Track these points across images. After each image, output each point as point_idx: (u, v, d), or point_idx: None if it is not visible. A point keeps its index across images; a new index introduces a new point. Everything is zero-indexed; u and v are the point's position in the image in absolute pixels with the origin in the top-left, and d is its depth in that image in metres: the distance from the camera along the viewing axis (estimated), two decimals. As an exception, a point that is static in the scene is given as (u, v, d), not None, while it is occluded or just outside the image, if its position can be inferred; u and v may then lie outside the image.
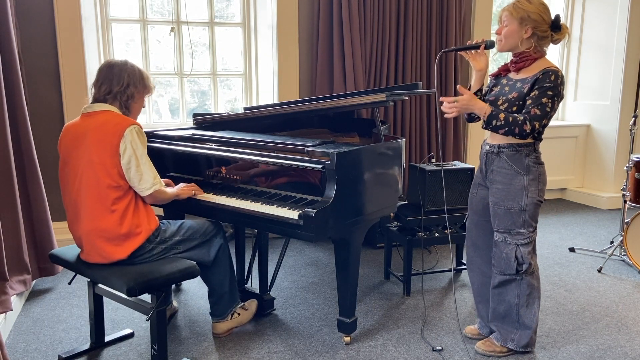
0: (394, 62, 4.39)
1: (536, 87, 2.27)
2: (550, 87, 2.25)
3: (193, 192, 2.65)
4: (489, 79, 2.57)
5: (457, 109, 2.34)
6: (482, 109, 2.33)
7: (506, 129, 2.28)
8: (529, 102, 2.28)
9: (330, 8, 4.16)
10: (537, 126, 2.25)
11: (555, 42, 2.37)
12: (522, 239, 2.40)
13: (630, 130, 3.88)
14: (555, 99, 2.26)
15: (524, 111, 2.29)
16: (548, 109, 2.25)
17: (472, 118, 2.59)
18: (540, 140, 2.40)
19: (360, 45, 4.19)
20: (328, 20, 4.19)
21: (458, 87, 2.39)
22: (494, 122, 2.30)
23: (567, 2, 5.52)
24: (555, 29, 2.32)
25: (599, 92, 5.43)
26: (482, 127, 2.36)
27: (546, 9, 2.31)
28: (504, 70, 2.47)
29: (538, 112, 2.25)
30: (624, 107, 5.19)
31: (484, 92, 2.55)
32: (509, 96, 2.36)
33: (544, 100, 2.25)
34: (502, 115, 2.28)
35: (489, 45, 2.39)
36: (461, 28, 4.60)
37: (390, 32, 4.32)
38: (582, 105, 5.62)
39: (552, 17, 2.32)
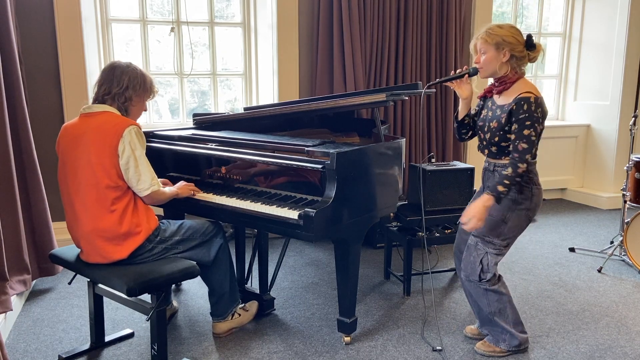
0: (394, 62, 4.39)
1: (513, 119, 2.30)
2: (526, 117, 2.26)
3: (192, 191, 2.65)
4: (477, 101, 2.61)
5: (477, 223, 2.32)
6: (488, 200, 2.31)
7: (512, 186, 2.31)
8: (513, 137, 2.31)
9: (330, 8, 4.16)
10: (529, 159, 2.29)
11: (532, 60, 2.40)
12: (492, 248, 2.43)
13: (630, 130, 3.88)
14: (536, 124, 2.27)
15: (511, 147, 2.31)
16: (533, 138, 2.28)
17: (462, 139, 2.65)
18: (534, 159, 2.38)
19: (360, 45, 4.19)
20: (328, 20, 4.19)
21: (460, 222, 2.40)
22: (502, 196, 2.31)
23: (567, 2, 5.52)
24: (530, 47, 2.36)
25: (599, 92, 5.43)
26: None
27: (517, 31, 2.36)
28: (489, 92, 2.50)
29: (525, 146, 2.27)
30: (624, 107, 5.19)
31: (472, 113, 2.60)
32: (490, 124, 2.41)
33: (526, 132, 2.27)
34: (500, 188, 2.29)
35: (473, 72, 2.44)
36: (461, 28, 4.60)
37: (390, 32, 4.32)
38: (582, 105, 5.61)
39: (525, 37, 2.36)
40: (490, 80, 2.50)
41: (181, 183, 2.66)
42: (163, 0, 4.34)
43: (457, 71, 2.48)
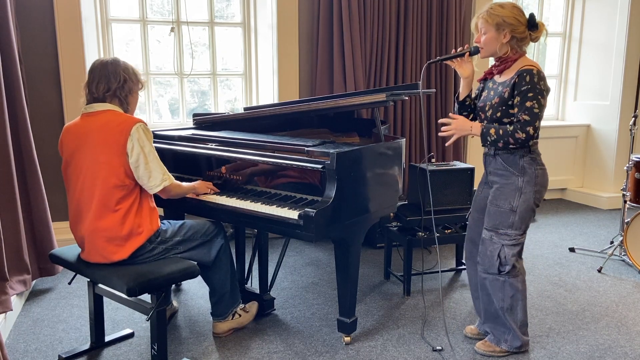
0: (394, 62, 4.39)
1: (515, 92, 2.27)
2: (529, 89, 2.24)
3: (209, 189, 2.66)
4: (477, 84, 2.58)
5: (455, 133, 2.39)
6: (476, 128, 2.36)
7: (501, 141, 2.30)
8: (515, 110, 2.29)
9: (330, 8, 4.16)
10: (531, 131, 2.25)
11: (535, 40, 2.37)
12: (508, 239, 2.39)
13: (630, 130, 3.88)
14: (539, 97, 2.24)
15: (514, 120, 2.30)
16: (536, 110, 2.24)
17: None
18: (536, 140, 2.37)
19: (360, 45, 4.19)
20: (328, 20, 4.19)
21: (449, 115, 2.42)
22: (488, 139, 2.32)
23: (567, 2, 5.52)
24: (532, 27, 2.32)
25: (599, 92, 5.43)
26: (481, 144, 2.40)
27: (520, 10, 2.32)
28: (489, 74, 2.48)
29: (527, 118, 2.24)
30: (624, 107, 5.19)
31: (473, 96, 2.58)
32: (492, 101, 2.38)
33: (528, 103, 2.24)
34: (492, 130, 2.31)
35: (474, 51, 2.41)
36: (461, 28, 4.60)
37: (390, 32, 4.32)
38: (582, 105, 5.61)
39: (527, 16, 2.33)
40: (491, 61, 2.48)
41: (199, 181, 2.68)
42: (163, 0, 4.34)
43: (458, 49, 2.45)
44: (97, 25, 4.06)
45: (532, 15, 2.32)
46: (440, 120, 2.41)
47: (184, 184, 2.54)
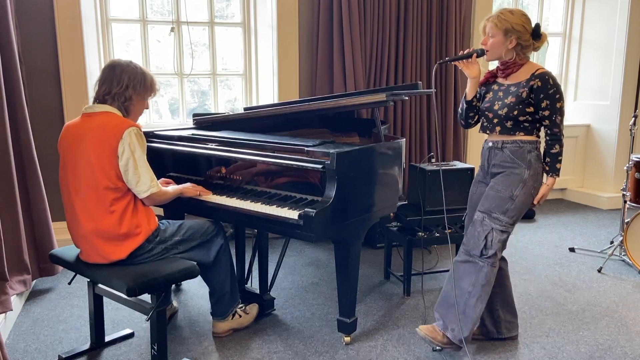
0: (394, 62, 4.39)
1: (542, 96, 2.37)
2: (555, 91, 2.39)
3: (198, 192, 2.63)
4: (478, 88, 2.63)
5: (545, 198, 2.52)
6: (551, 180, 2.49)
7: (562, 154, 2.49)
8: (547, 113, 2.40)
9: (330, 8, 4.16)
10: (562, 127, 2.46)
11: (536, 49, 2.47)
12: (498, 224, 2.41)
13: (630, 130, 3.89)
14: (562, 97, 2.42)
15: (547, 121, 2.43)
16: (564, 109, 2.45)
17: (469, 124, 2.65)
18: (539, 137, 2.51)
19: (360, 45, 4.19)
20: (328, 20, 4.19)
21: (536, 203, 2.50)
22: (558, 167, 2.48)
23: (567, 2, 5.52)
24: (536, 37, 2.42)
25: (599, 92, 5.43)
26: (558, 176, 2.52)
27: (528, 19, 2.41)
28: (491, 77, 2.56)
29: (561, 118, 2.45)
30: (624, 107, 5.19)
31: (478, 97, 2.62)
32: (506, 101, 2.44)
33: (558, 105, 2.40)
34: (559, 165, 2.47)
35: (480, 53, 2.49)
36: (461, 28, 4.60)
37: (390, 32, 4.32)
38: (582, 105, 5.61)
39: (533, 25, 2.42)
40: (492, 65, 2.54)
41: (188, 184, 2.65)
42: (163, 0, 4.34)
43: (465, 51, 2.51)
44: (97, 25, 4.06)
45: (537, 26, 2.41)
46: (537, 202, 2.50)
47: (170, 188, 2.50)
